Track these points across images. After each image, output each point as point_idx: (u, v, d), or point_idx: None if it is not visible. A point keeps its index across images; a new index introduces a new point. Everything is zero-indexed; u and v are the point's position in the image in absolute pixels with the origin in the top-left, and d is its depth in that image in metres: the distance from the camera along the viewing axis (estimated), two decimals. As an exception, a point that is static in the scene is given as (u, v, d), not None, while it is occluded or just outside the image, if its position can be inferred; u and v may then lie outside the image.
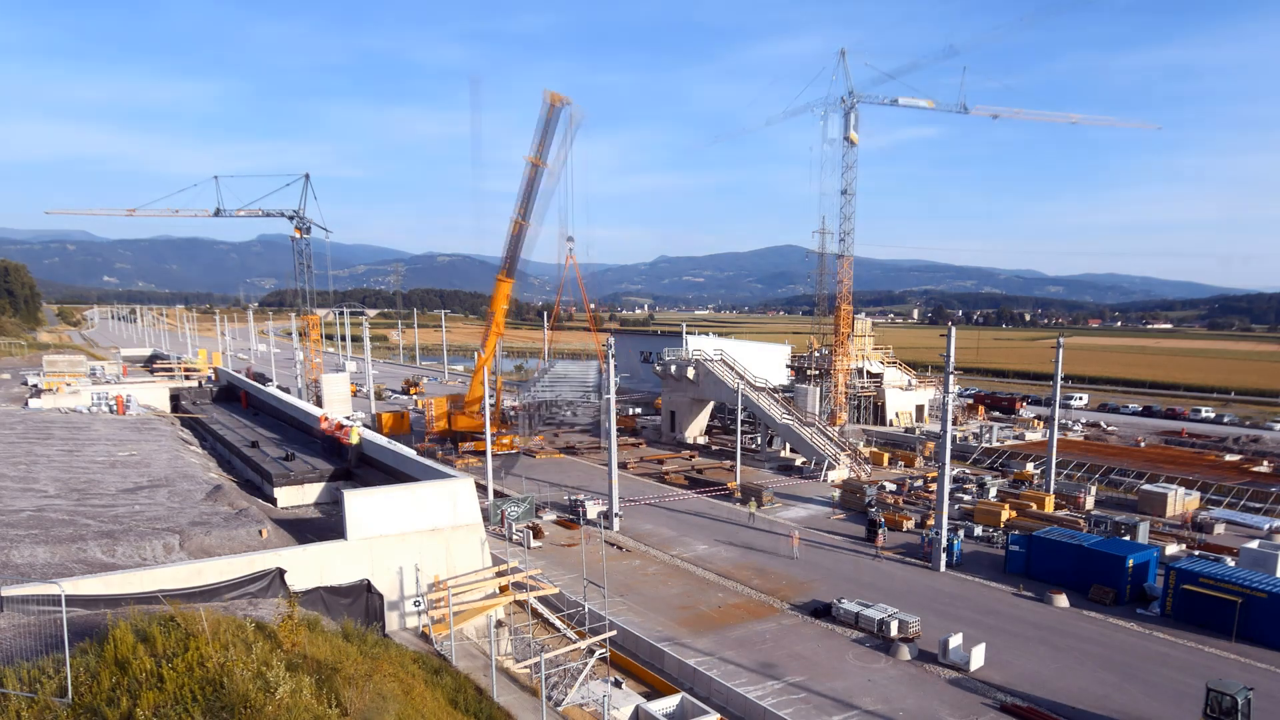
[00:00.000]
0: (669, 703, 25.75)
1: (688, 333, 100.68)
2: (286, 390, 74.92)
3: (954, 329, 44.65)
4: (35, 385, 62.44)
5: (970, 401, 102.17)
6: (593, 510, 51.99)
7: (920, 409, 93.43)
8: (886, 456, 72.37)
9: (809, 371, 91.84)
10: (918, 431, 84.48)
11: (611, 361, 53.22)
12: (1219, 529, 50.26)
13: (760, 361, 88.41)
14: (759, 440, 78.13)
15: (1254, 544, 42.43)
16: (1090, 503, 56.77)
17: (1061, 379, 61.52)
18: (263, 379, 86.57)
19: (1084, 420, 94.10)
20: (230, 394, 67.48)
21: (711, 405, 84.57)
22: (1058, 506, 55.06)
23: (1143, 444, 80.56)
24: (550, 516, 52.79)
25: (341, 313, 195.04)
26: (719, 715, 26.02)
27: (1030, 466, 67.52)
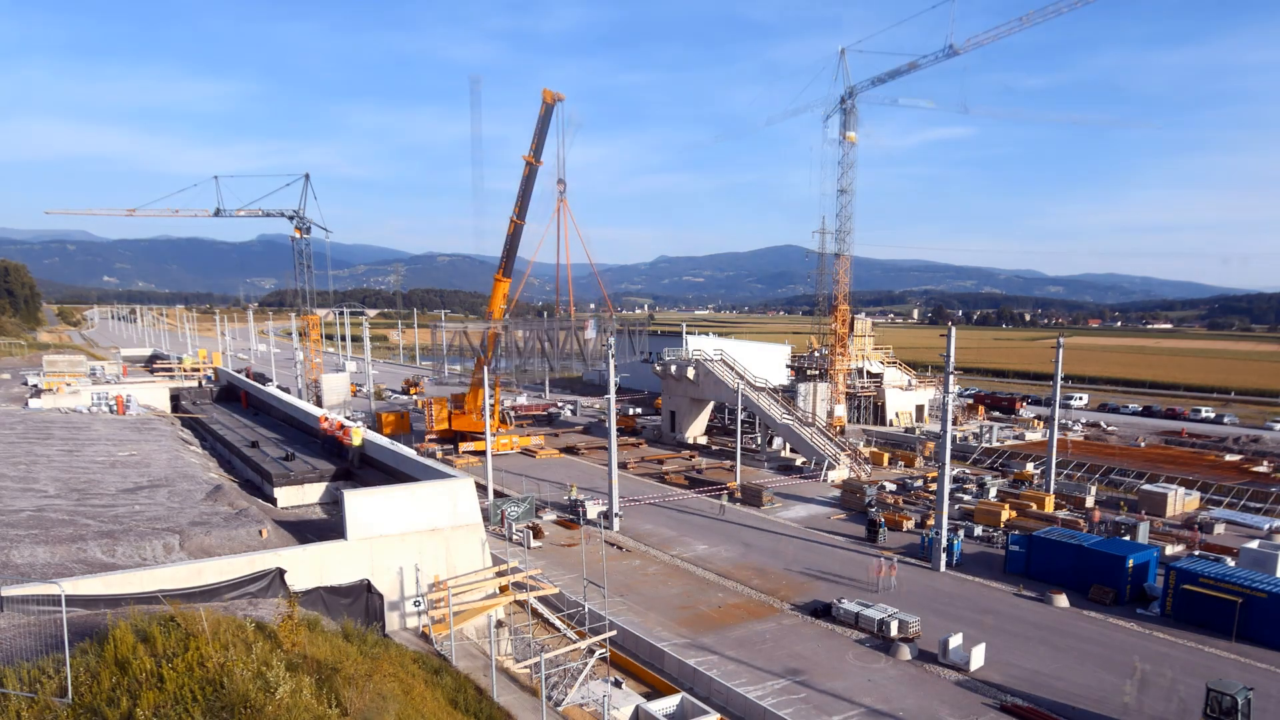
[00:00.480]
0: (669, 703, 25.76)
1: (688, 333, 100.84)
2: (286, 390, 74.94)
3: (954, 329, 44.68)
4: (35, 385, 62.41)
5: (970, 401, 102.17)
6: (593, 510, 51.99)
7: (920, 409, 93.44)
8: (886, 456, 72.36)
9: (809, 371, 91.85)
10: (918, 431, 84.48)
11: (612, 362, 53.24)
12: (1219, 529, 50.26)
13: (760, 361, 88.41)
14: (759, 440, 78.13)
15: (1254, 544, 42.45)
16: (1091, 502, 56.76)
17: (1061, 379, 61.52)
18: (263, 379, 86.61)
19: (1084, 420, 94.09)
20: (230, 394, 67.48)
21: (711, 405, 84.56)
22: (1058, 506, 55.06)
23: (1143, 444, 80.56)
24: (550, 516, 52.78)
25: (341, 313, 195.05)
26: (719, 715, 26.03)
27: (1030, 466, 67.51)
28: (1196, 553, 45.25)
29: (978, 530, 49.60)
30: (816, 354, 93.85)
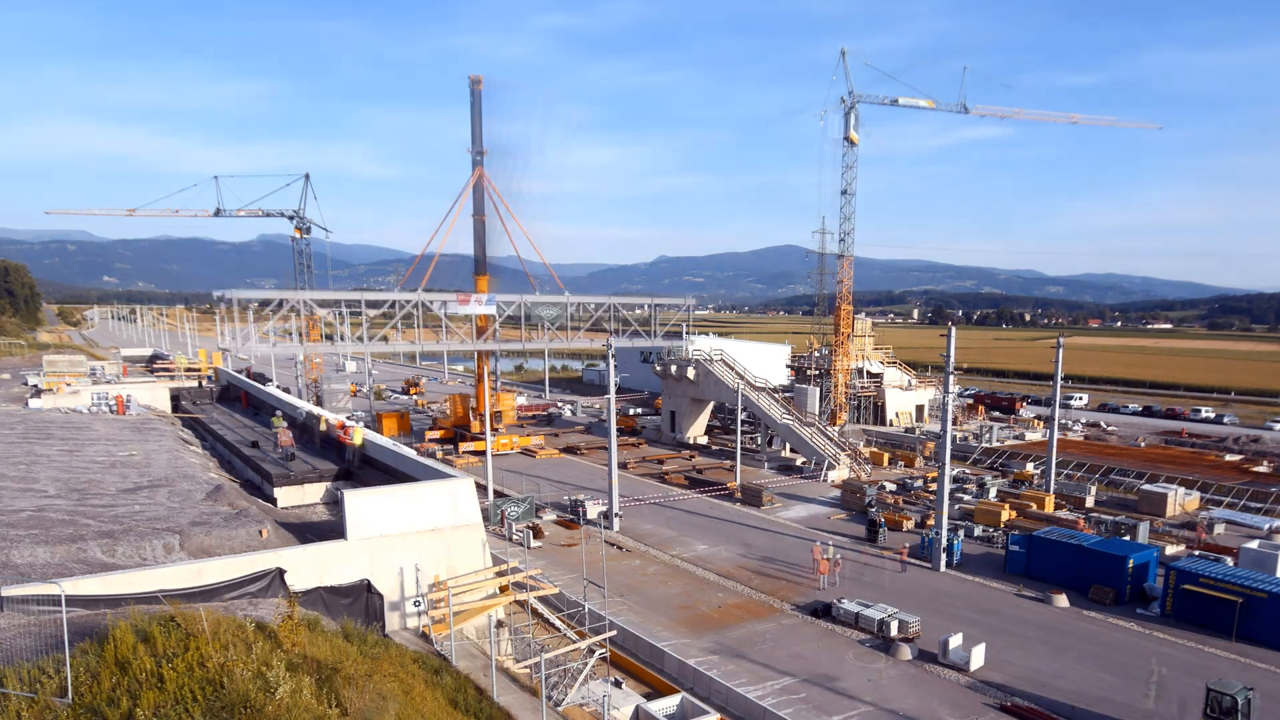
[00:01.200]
0: (669, 703, 25.76)
1: (688, 333, 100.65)
2: (286, 390, 74.94)
3: (954, 329, 44.68)
4: (35, 385, 62.36)
5: (970, 401, 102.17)
6: (593, 510, 51.98)
7: (920, 409, 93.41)
8: (886, 456, 72.36)
9: (809, 371, 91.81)
10: (918, 431, 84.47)
11: (612, 362, 53.25)
12: (1219, 529, 50.26)
13: (760, 361, 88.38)
14: (759, 440, 78.12)
15: (1254, 544, 42.45)
16: (1090, 502, 56.76)
17: (1061, 379, 61.51)
18: (263, 379, 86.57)
19: (1084, 420, 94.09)
20: (230, 394, 67.50)
21: (711, 405, 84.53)
22: (1058, 506, 55.04)
23: (1143, 444, 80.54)
24: (550, 516, 52.77)
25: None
26: (719, 715, 26.03)
27: (1030, 466, 67.51)
28: (1196, 553, 45.26)
29: (978, 530, 49.60)
30: (816, 354, 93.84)
